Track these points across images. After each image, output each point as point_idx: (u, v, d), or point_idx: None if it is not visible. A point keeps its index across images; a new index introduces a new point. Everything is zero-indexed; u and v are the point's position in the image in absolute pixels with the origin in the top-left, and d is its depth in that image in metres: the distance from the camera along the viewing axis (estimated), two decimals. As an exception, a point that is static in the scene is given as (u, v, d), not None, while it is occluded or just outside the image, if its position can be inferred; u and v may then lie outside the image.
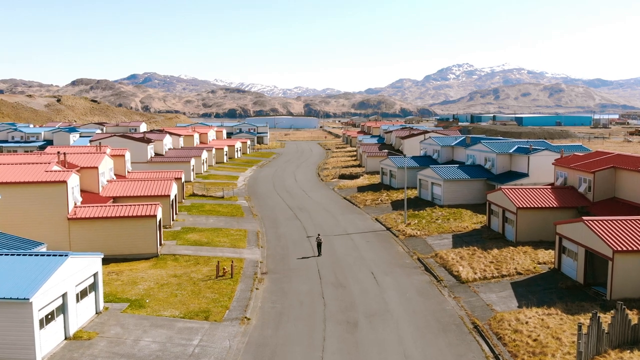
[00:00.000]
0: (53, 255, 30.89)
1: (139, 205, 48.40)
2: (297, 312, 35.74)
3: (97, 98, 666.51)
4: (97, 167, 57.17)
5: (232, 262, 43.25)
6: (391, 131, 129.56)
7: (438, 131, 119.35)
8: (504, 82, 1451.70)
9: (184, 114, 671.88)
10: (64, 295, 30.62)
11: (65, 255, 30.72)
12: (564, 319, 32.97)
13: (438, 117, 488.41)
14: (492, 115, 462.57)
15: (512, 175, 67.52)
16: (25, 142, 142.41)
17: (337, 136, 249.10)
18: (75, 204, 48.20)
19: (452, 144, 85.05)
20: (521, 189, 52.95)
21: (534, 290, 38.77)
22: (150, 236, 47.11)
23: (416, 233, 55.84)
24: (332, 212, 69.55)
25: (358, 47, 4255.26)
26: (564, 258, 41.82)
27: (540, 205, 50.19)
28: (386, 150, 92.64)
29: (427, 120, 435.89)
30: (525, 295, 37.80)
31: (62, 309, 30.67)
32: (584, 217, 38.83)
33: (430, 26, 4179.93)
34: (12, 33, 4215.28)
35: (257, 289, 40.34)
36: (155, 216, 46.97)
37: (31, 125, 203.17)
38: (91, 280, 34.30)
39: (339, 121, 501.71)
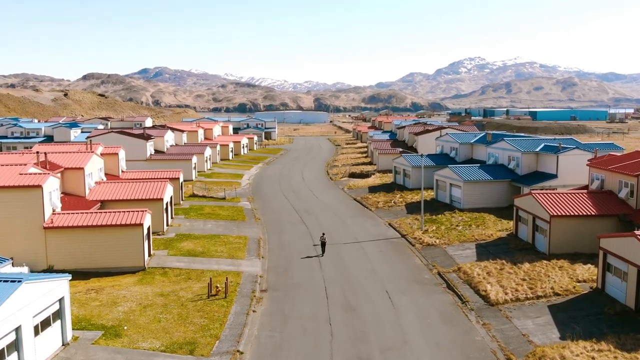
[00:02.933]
0: (4, 281, 25.66)
1: (124, 212, 43.14)
2: (299, 344, 30.33)
3: (107, 92, 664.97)
4: (82, 168, 52.02)
5: (227, 279, 37.87)
6: (404, 127, 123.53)
7: (455, 127, 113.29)
8: (516, 75, 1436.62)
9: (195, 108, 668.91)
10: (17, 329, 25.40)
11: (19, 282, 25.51)
12: (619, 358, 27.36)
13: (450, 112, 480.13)
14: (505, 109, 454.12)
15: (539, 177, 61.64)
16: (25, 137, 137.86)
17: (347, 131, 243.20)
18: (53, 211, 43.06)
19: (472, 141, 79.04)
20: (554, 193, 47.17)
21: (577, 317, 33.14)
22: (136, 247, 41.86)
23: (435, 242, 50.23)
24: (341, 216, 64.05)
25: (368, 40, 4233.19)
26: (609, 277, 36.10)
27: (576, 213, 44.43)
28: (400, 149, 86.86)
29: (439, 115, 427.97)
30: (567, 323, 32.18)
31: (16, 346, 25.47)
32: (637, 232, 33.07)
33: (442, 19, 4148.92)
34: (23, 28, 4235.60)
35: (254, 311, 35.01)
36: (141, 225, 41.70)
37: (35, 121, 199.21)
38: (56, 307, 29.08)
39: (349, 115, 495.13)
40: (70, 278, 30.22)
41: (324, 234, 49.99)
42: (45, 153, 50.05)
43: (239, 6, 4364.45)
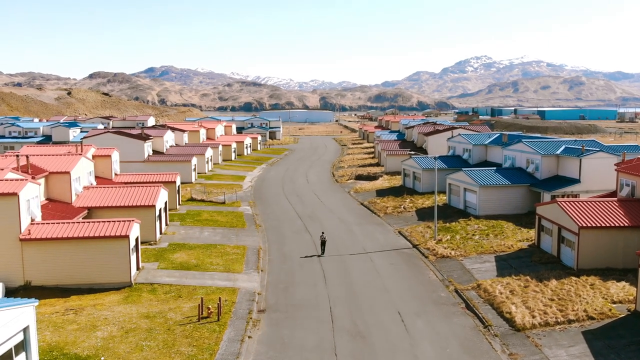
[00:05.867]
0: (-49, 312, 21.77)
1: (108, 222, 39.25)
2: (300, 381, 26.34)
3: (114, 91, 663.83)
4: (69, 172, 48.14)
5: (220, 299, 33.84)
6: (412, 126, 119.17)
7: (466, 127, 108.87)
8: (523, 74, 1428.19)
9: (200, 107, 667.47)
10: (-33, 369, 21.55)
11: (-32, 313, 21.61)
12: (676, 402, 23.24)
13: (457, 111, 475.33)
14: (513, 108, 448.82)
15: (560, 181, 57.39)
16: (23, 137, 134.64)
17: (353, 130, 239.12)
18: (32, 221, 39.19)
19: (486, 143, 74.70)
20: (582, 202, 42.97)
21: (617, 346, 29.03)
22: (121, 262, 37.94)
23: (450, 253, 46.09)
24: (347, 223, 60.00)
25: (374, 40, 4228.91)
26: (652, 299, 31.94)
27: (607, 224, 40.20)
28: (410, 151, 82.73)
29: (446, 114, 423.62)
30: (606, 355, 28.11)
31: (-34, 388, 21.61)
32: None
33: (448, 18, 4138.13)
34: (30, 27, 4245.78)
35: (249, 337, 30.98)
36: (127, 237, 37.78)
37: (36, 120, 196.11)
38: (19, 338, 25.13)
39: (355, 114, 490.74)
40: (37, 304, 26.25)
41: (323, 232, 50.35)
42: (27, 156, 46.18)
43: (245, 5, 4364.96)
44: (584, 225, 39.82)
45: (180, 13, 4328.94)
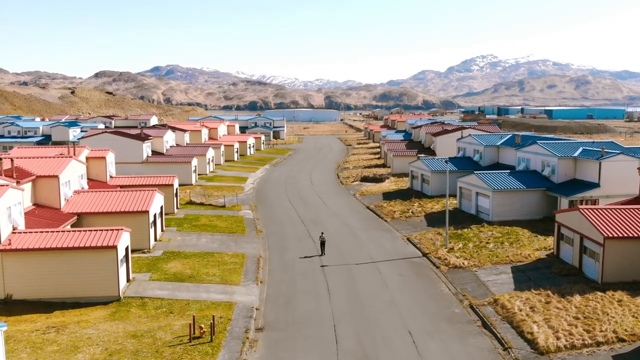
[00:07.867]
0: None
1: (95, 231, 36.45)
2: (300, 415, 23.44)
3: (119, 90, 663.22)
4: (57, 176, 45.37)
5: (213, 318, 30.94)
6: (420, 126, 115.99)
7: (475, 127, 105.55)
8: (529, 73, 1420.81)
9: (205, 106, 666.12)
10: None
11: None
12: None
13: (463, 110, 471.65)
14: (519, 107, 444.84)
15: (578, 185, 54.27)
16: (23, 137, 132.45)
17: (358, 130, 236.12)
18: (14, 229, 36.44)
19: (498, 144, 71.54)
20: (606, 209, 39.88)
21: (654, 374, 26.04)
22: (108, 274, 35.13)
23: (462, 263, 43.07)
24: (353, 228, 57.06)
25: (379, 39, 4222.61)
26: (690, 319, 28.90)
27: (635, 234, 37.11)
28: (420, 153, 79.63)
29: (452, 113, 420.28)
30: (643, 385, 25.09)
31: None
32: None
33: (453, 17, 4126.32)
34: (37, 26, 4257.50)
35: (245, 360, 28.12)
36: (115, 247, 34.95)
37: (37, 119, 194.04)
38: (-16, 367, 22.41)
39: (360, 114, 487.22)
40: (5, 328, 23.47)
41: (323, 233, 49.56)
42: (12, 159, 43.40)
43: (250, 5, 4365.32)
44: (610, 235, 36.77)
45: (186, 12, 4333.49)
